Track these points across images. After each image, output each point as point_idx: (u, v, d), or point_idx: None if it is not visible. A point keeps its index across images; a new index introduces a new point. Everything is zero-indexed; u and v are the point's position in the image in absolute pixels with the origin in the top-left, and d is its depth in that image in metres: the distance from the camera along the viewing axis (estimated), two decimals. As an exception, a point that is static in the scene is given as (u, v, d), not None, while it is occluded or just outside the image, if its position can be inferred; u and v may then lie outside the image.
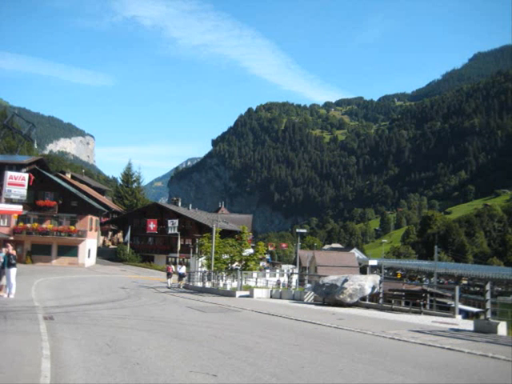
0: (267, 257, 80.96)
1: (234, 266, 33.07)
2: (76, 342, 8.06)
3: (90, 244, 51.64)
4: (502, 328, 10.28)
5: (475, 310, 33.17)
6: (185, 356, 7.11)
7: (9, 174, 31.54)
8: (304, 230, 59.73)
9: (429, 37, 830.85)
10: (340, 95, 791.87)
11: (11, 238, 45.15)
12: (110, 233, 73.82)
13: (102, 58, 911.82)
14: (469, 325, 11.74)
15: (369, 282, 16.71)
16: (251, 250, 36.92)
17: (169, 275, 32.65)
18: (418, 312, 15.03)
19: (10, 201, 31.07)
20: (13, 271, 15.83)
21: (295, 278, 30.55)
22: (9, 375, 5.54)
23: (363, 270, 60.51)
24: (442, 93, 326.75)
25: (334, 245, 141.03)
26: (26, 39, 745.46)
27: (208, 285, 28.56)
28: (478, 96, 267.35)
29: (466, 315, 27.15)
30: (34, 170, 47.05)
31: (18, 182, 31.38)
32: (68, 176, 69.74)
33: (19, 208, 28.22)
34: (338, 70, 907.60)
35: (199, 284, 29.86)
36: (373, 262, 53.37)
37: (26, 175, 33.04)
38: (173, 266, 36.44)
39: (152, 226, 55.64)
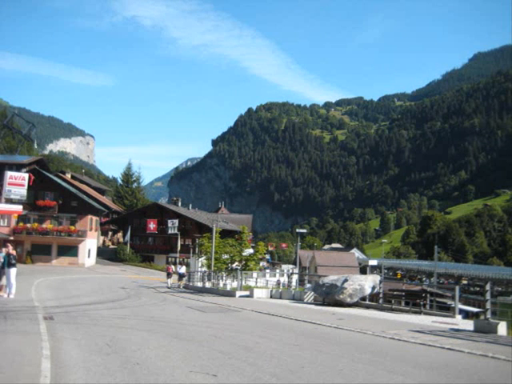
0: (267, 257, 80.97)
1: (234, 266, 33.07)
2: (76, 341, 8.05)
3: (90, 244, 51.64)
4: (502, 328, 10.28)
5: (475, 309, 33.16)
6: (185, 356, 7.11)
7: (9, 173, 31.56)
8: (304, 230, 59.69)
9: (429, 37, 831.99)
10: (340, 95, 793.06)
11: (11, 238, 45.14)
12: (110, 233, 73.83)
13: (102, 58, 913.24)
14: (469, 325, 11.74)
15: (369, 282, 16.70)
16: (251, 250, 36.92)
17: (169, 275, 32.63)
18: (418, 312, 15.02)
19: (10, 201, 31.08)
20: (13, 271, 15.83)
21: (295, 277, 30.55)
22: (9, 375, 5.54)
23: (363, 270, 60.50)
24: (442, 93, 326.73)
25: (334, 245, 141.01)
26: (26, 39, 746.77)
27: (208, 285, 28.55)
28: (478, 96, 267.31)
29: (466, 315, 27.14)
30: (34, 169, 47.05)
31: (18, 182, 31.40)
32: (68, 176, 69.75)
33: (19, 208, 28.22)
34: (338, 69, 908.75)
35: (199, 284, 29.85)
36: (373, 262, 53.35)
37: (26, 175, 33.06)
38: (173, 266, 36.43)
39: (152, 226, 55.66)
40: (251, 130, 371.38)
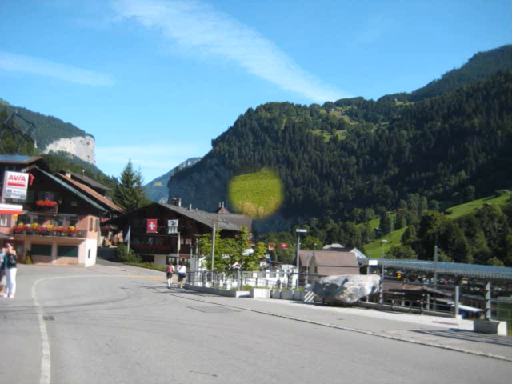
0: (267, 257, 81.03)
1: (233, 266, 33.08)
2: (76, 342, 8.05)
3: (90, 244, 51.64)
4: (501, 328, 10.28)
5: (475, 309, 33.12)
6: (185, 356, 7.10)
7: (9, 173, 31.60)
8: (304, 230, 59.63)
9: (429, 37, 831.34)
10: (340, 95, 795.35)
11: (11, 238, 45.15)
12: (110, 233, 73.82)
13: (102, 57, 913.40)
14: (469, 325, 11.73)
15: (369, 282, 16.69)
16: (251, 250, 36.92)
17: (169, 275, 32.64)
18: (418, 312, 15.01)
19: (10, 201, 31.09)
20: (13, 271, 15.82)
21: (295, 278, 30.57)
22: (9, 375, 5.54)
23: (363, 270, 60.46)
24: (442, 93, 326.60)
25: (334, 245, 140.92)
26: (26, 39, 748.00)
27: (208, 285, 28.56)
28: (478, 96, 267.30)
29: (466, 315, 27.10)
30: (34, 169, 47.06)
31: (18, 182, 31.44)
32: (68, 176, 69.74)
33: (19, 208, 28.27)
34: (338, 70, 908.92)
35: (199, 284, 29.86)
36: (373, 262, 53.28)
37: (26, 175, 33.11)
38: (173, 266, 36.43)
39: (152, 225, 55.68)
40: (251, 130, 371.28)
